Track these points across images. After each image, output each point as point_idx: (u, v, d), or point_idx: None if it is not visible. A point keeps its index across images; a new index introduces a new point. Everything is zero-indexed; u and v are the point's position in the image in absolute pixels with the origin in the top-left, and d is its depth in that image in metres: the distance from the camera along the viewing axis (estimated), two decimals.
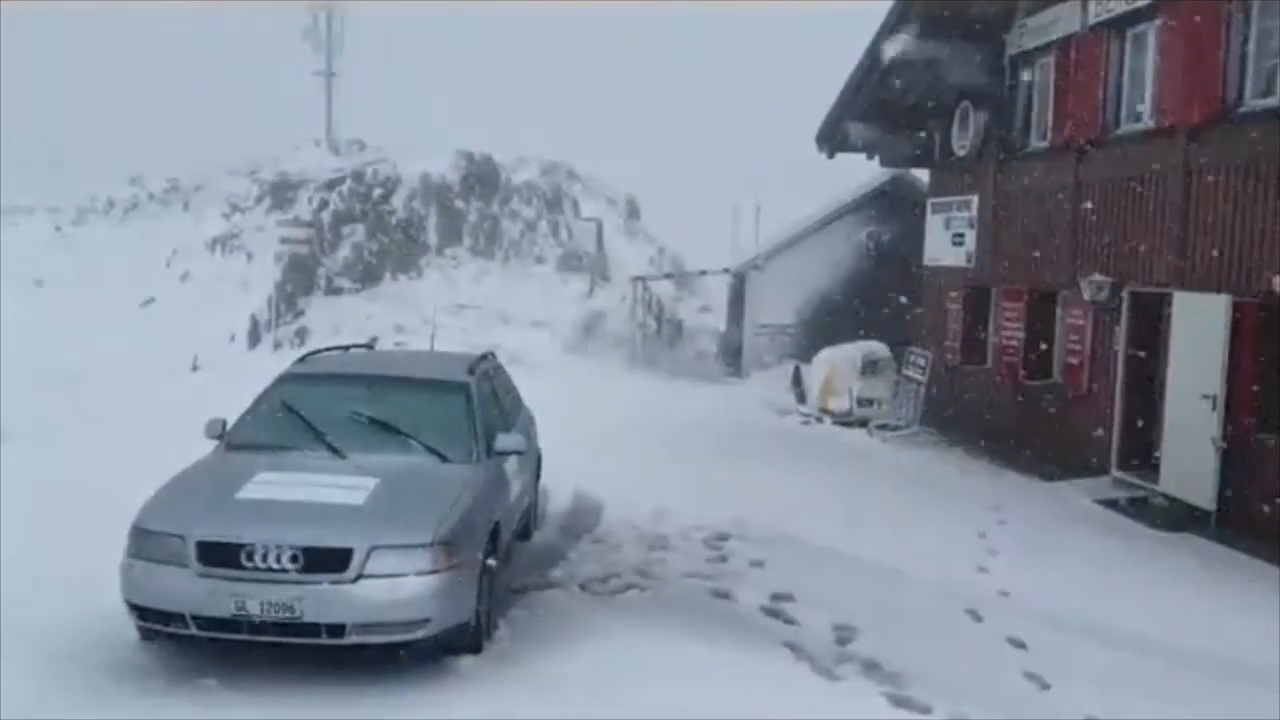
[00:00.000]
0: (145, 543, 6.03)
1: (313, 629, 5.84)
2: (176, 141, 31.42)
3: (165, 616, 5.95)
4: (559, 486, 10.53)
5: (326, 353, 8.68)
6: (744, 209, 22.24)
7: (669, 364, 21.60)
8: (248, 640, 5.92)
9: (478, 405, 7.55)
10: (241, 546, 5.86)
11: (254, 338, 20.25)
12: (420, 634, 5.98)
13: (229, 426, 7.35)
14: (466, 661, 6.33)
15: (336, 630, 5.84)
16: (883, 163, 18.31)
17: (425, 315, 21.58)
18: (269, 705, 5.71)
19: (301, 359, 8.26)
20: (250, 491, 6.29)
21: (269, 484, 6.37)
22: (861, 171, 20.27)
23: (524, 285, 23.45)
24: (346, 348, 9.01)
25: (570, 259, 25.29)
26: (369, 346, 9.15)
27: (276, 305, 20.45)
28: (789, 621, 7.29)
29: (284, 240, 20.74)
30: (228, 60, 44.93)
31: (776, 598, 7.68)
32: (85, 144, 29.85)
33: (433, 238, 23.85)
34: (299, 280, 21.28)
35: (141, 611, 6.02)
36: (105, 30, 43.61)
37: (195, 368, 19.25)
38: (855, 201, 21.62)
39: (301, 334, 20.41)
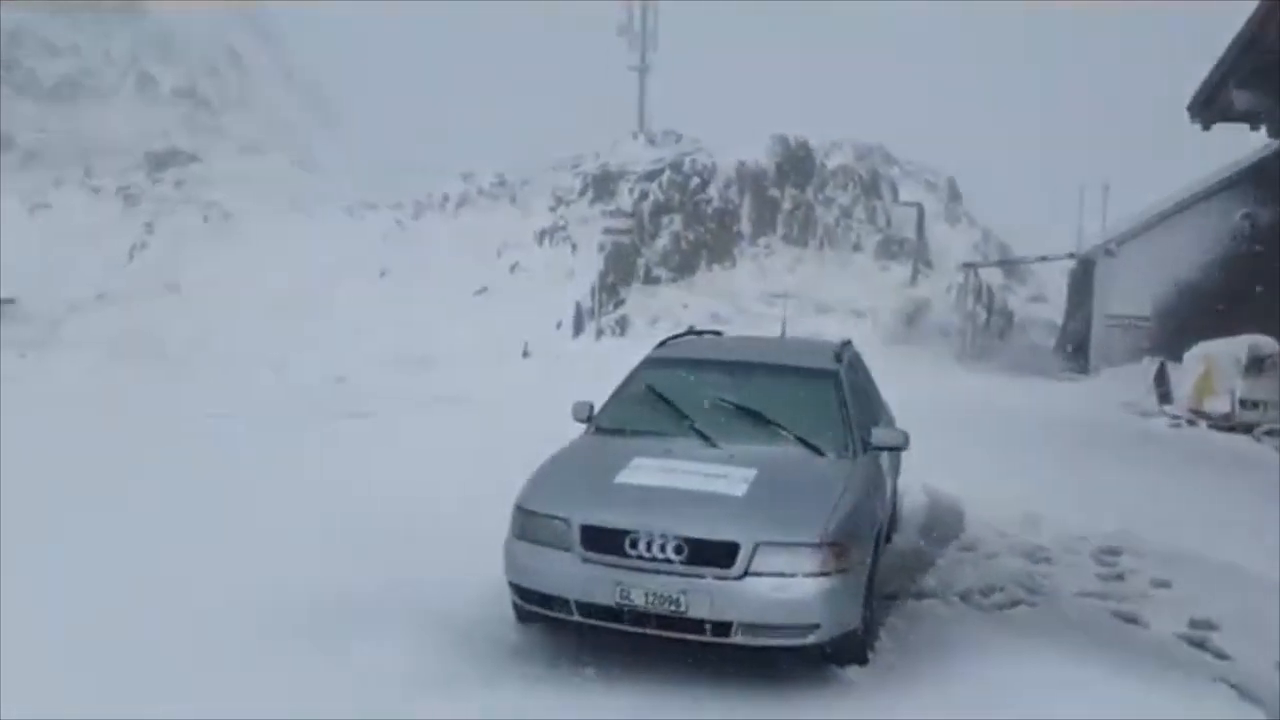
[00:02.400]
0: (529, 523, 5.94)
1: (697, 625, 5.52)
2: (504, 139, 33.05)
3: (548, 600, 5.83)
4: (906, 485, 9.87)
5: (685, 337, 8.42)
6: (1090, 190, 20.44)
7: (1000, 357, 20.24)
8: (627, 631, 5.72)
9: (849, 395, 7.04)
10: (626, 533, 5.63)
11: (578, 325, 20.74)
12: (810, 639, 5.54)
13: (595, 410, 7.23)
14: (852, 672, 5.84)
15: (722, 629, 5.50)
16: (1271, 133, 16.15)
17: (740, 305, 21.44)
18: (648, 699, 5.47)
19: (662, 343, 8.03)
20: (628, 476, 6.06)
21: (645, 470, 6.12)
22: (1231, 147, 18.12)
23: (841, 273, 22.75)
24: (700, 333, 8.72)
25: (889, 245, 24.32)
26: (717, 333, 8.83)
27: (599, 294, 20.85)
28: (1220, 656, 6.30)
29: (606, 231, 21.13)
30: (549, 59, 46.91)
31: (1196, 625, 6.69)
32: (424, 144, 31.85)
33: (746, 226, 23.60)
34: (620, 270, 21.61)
35: (524, 593, 5.94)
36: (441, 36, 46.71)
37: (525, 353, 19.92)
38: (1230, 179, 19.20)
39: (622, 322, 20.70)
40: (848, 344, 8.12)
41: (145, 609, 6.48)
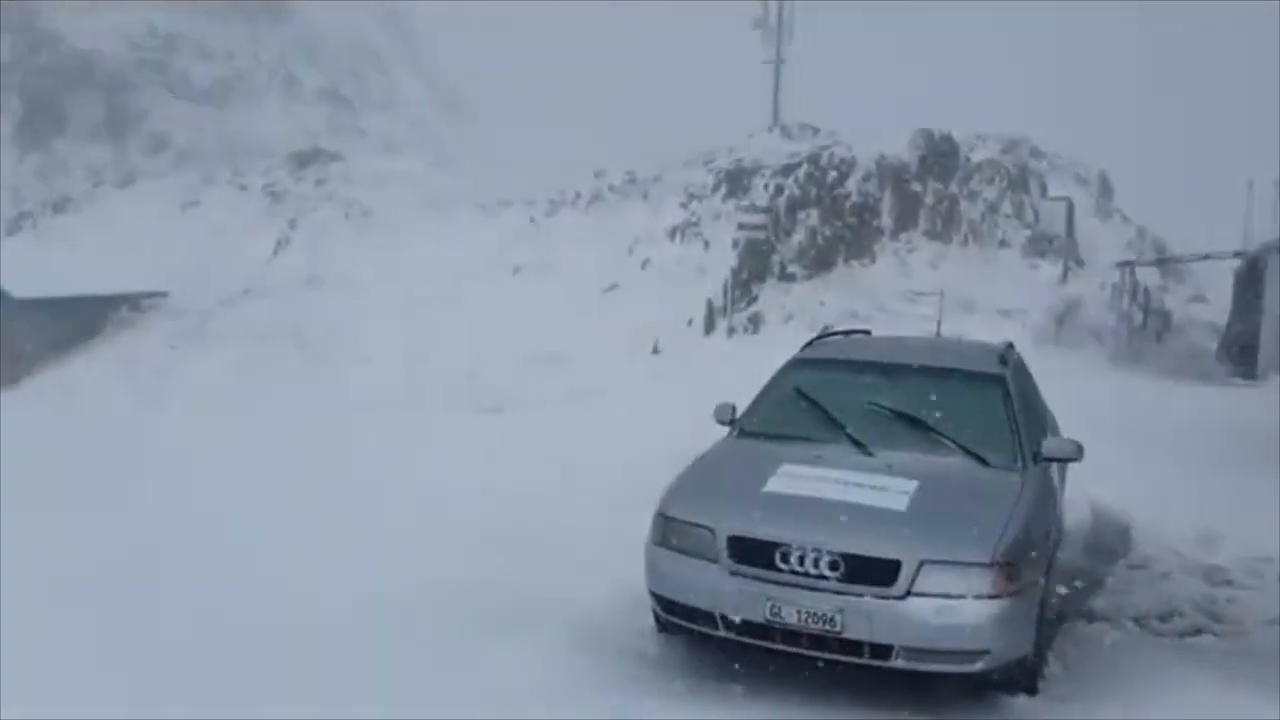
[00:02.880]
0: (672, 531, 5.65)
1: (853, 647, 5.15)
2: (635, 135, 32.97)
3: (692, 613, 5.52)
4: (1067, 496, 9.23)
5: (832, 337, 8.00)
6: (1261, 185, 19.09)
7: (1157, 360, 19.08)
8: (776, 649, 5.38)
9: (1017, 401, 6.53)
10: (777, 546, 5.29)
11: (709, 323, 20.38)
12: (977, 666, 5.11)
13: (739, 412, 6.88)
14: (1021, 703, 5.39)
15: (881, 652, 5.11)
16: None
17: (880, 302, 20.72)
18: None
19: (809, 343, 7.63)
20: (778, 485, 5.70)
21: (796, 478, 5.75)
22: None
23: (986, 271, 21.83)
24: (848, 333, 8.30)
25: (1038, 242, 23.26)
26: (865, 332, 8.39)
27: (731, 291, 20.45)
28: None
29: (741, 226, 20.70)
30: (682, 55, 46.72)
31: None
32: (557, 142, 32.01)
33: (887, 221, 22.87)
34: (753, 266, 21.18)
35: (667, 604, 5.65)
36: (573, 34, 47.01)
37: (656, 350, 19.68)
38: None
39: (755, 320, 20.26)
40: (1011, 346, 7.58)
41: (277, 608, 6.41)
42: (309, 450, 12.60)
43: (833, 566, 5.16)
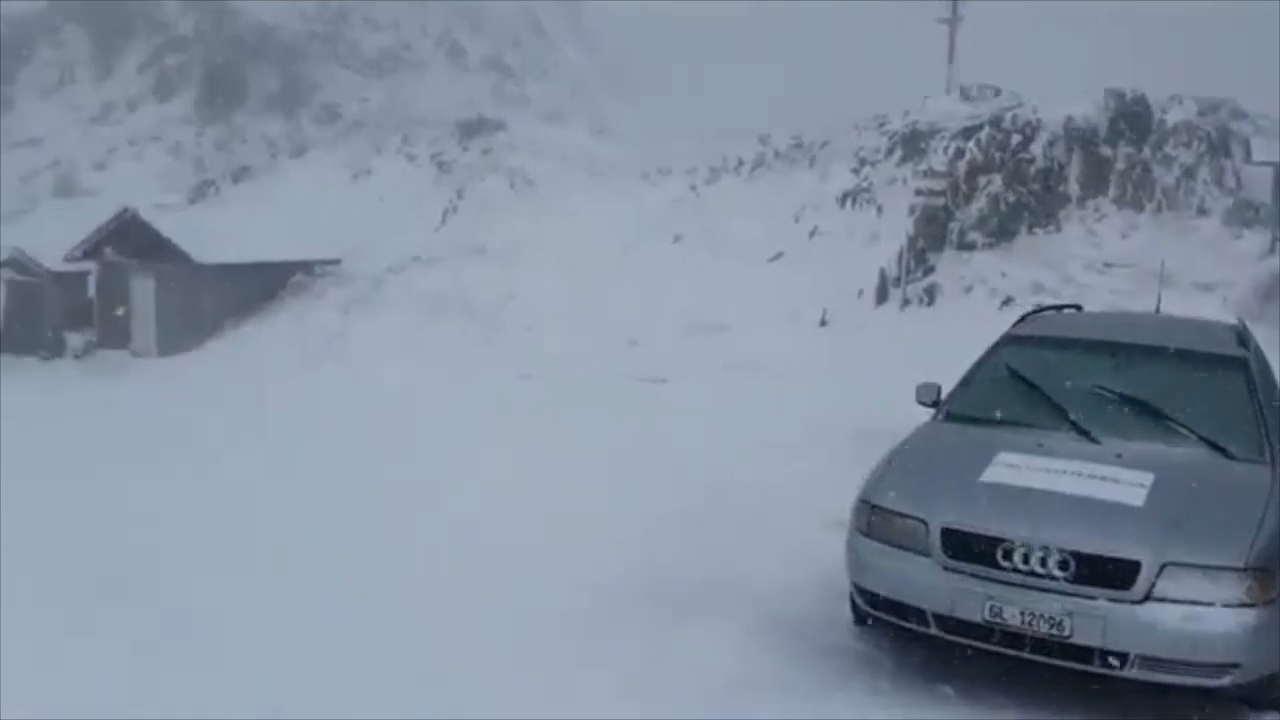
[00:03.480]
0: (878, 521, 5.18)
1: (1083, 653, 4.62)
2: (801, 100, 32.13)
3: (900, 608, 5.06)
4: None
5: (1045, 313, 7.33)
6: None
7: None
8: (993, 651, 4.89)
9: (1261, 387, 5.80)
10: (999, 542, 4.78)
11: (881, 294, 19.59)
12: (1224, 681, 4.53)
13: (944, 393, 6.35)
14: None
15: (1115, 660, 4.58)
16: None
17: (1066, 273, 19.53)
18: None
19: (1022, 319, 7.00)
20: (996, 475, 5.17)
21: (1016, 468, 5.20)
22: None
23: (1182, 241, 20.26)
24: (1058, 308, 7.61)
25: (1241, 210, 21.46)
26: (1076, 308, 7.67)
27: (906, 260, 19.59)
28: None
29: (919, 193, 19.76)
30: (848, 17, 45.38)
31: None
32: (719, 108, 31.47)
33: (1073, 188, 21.52)
34: (930, 234, 20.23)
35: (871, 598, 5.21)
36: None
37: (823, 322, 19.07)
38: None
39: (930, 291, 19.37)
40: (1244, 325, 6.78)
41: (458, 586, 6.23)
42: (479, 417, 12.62)
43: (1062, 566, 4.66)
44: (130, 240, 24.22)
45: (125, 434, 12.11)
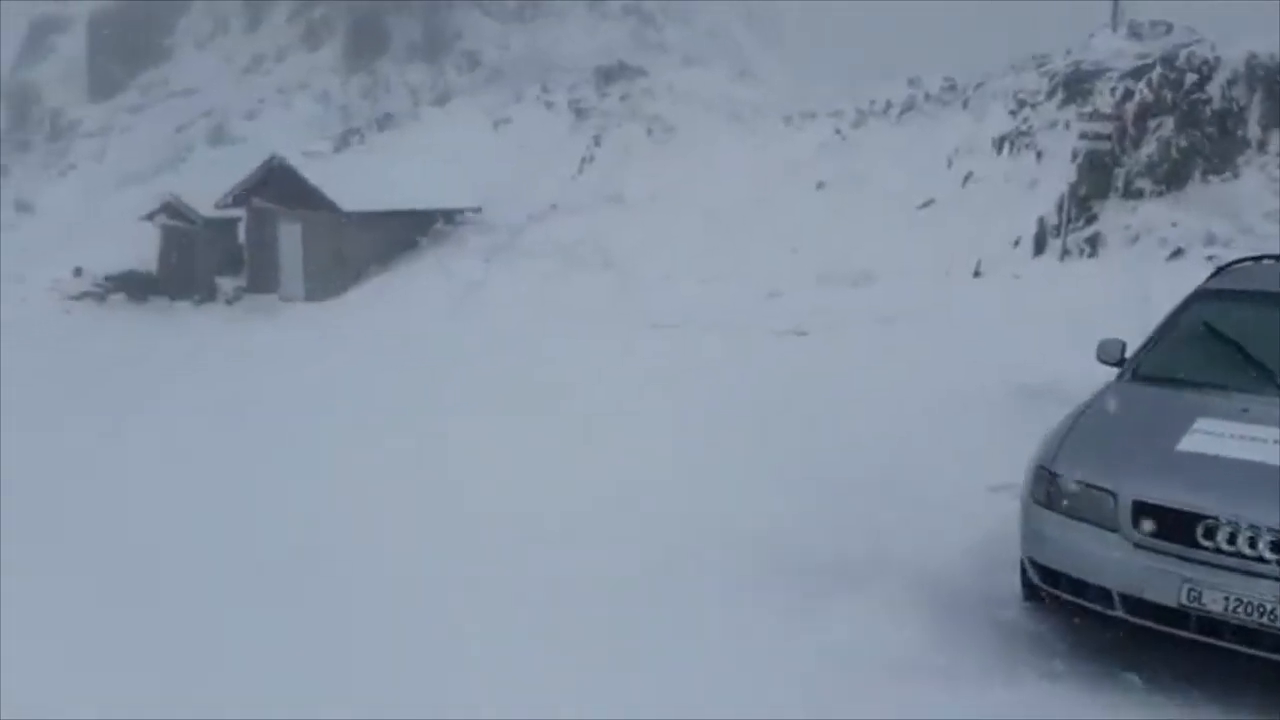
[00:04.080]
0: (1058, 491, 4.67)
1: None
2: (954, 40, 30.71)
3: (1080, 587, 4.57)
4: None
5: (1243, 264, 6.59)
6: None
7: None
8: (1186, 638, 4.38)
9: None
10: (1200, 518, 4.25)
11: (1039, 244, 18.50)
12: None
13: (1130, 351, 5.74)
14: None
15: None
16: None
17: (1243, 223, 18.09)
18: None
19: (1217, 272, 6.29)
20: (1195, 444, 4.60)
21: (1218, 436, 4.61)
22: None
23: None
24: (1258, 259, 6.83)
25: None
26: (1276, 258, 6.88)
27: (1068, 208, 18.42)
28: None
29: (1082, 136, 18.50)
30: None
31: None
32: (866, 51, 30.39)
33: (1254, 131, 19.85)
34: (1094, 181, 18.95)
35: (1048, 574, 4.72)
36: None
37: (977, 273, 18.16)
38: None
39: (1093, 241, 18.19)
40: None
41: (612, 551, 5.95)
42: (620, 367, 12.41)
43: (1275, 548, 4.09)
44: (278, 187, 24.79)
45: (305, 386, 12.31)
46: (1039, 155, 20.15)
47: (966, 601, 5.18)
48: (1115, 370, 5.67)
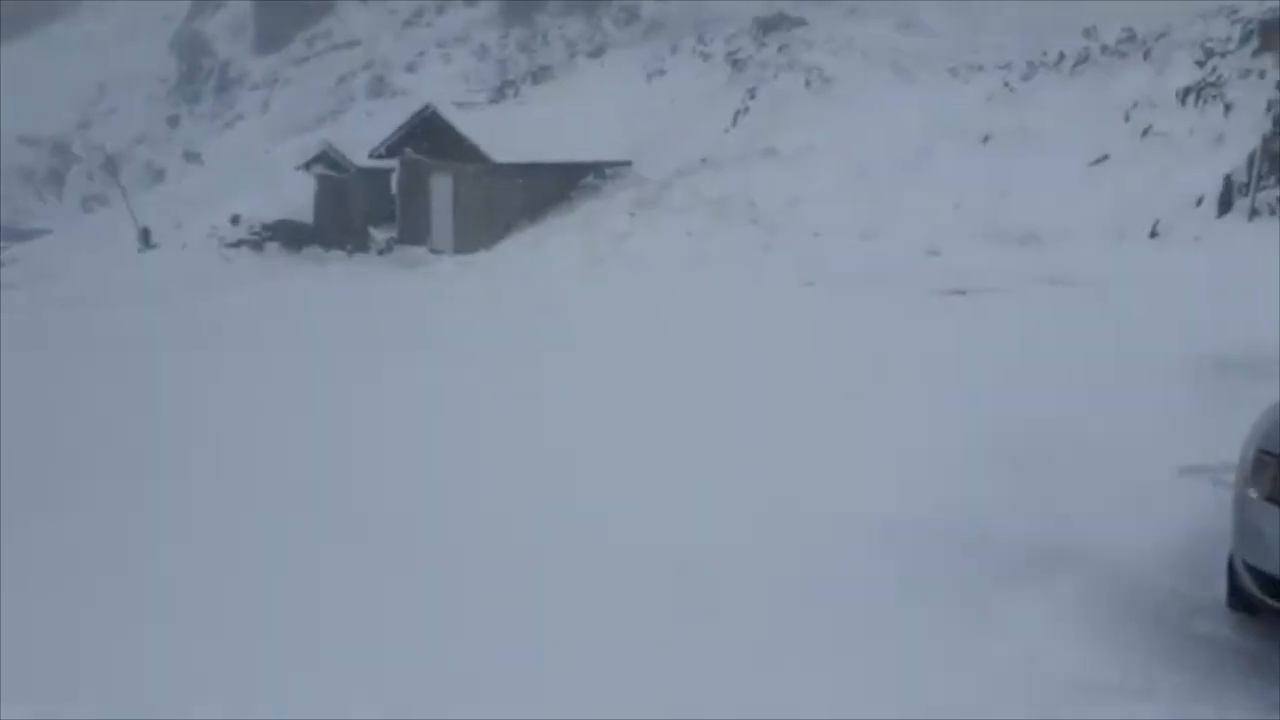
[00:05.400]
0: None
1: None
2: None
3: None
4: None
5: None
6: None
7: None
8: None
9: None
10: None
11: (1225, 203, 17.11)
12: None
13: None
14: None
15: None
16: None
17: None
18: None
19: None
20: None
21: None
22: None
23: None
24: None
25: None
26: None
27: (1259, 164, 16.96)
28: None
29: None
30: None
31: None
32: (1042, 2, 28.79)
33: None
34: None
35: (1269, 582, 4.09)
36: None
37: (1154, 234, 16.94)
38: None
39: None
40: None
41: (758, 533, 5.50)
42: (766, 328, 11.96)
43: None
44: (430, 138, 25.02)
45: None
46: (1227, 108, 18.62)
47: (1161, 608, 4.54)
48: None
